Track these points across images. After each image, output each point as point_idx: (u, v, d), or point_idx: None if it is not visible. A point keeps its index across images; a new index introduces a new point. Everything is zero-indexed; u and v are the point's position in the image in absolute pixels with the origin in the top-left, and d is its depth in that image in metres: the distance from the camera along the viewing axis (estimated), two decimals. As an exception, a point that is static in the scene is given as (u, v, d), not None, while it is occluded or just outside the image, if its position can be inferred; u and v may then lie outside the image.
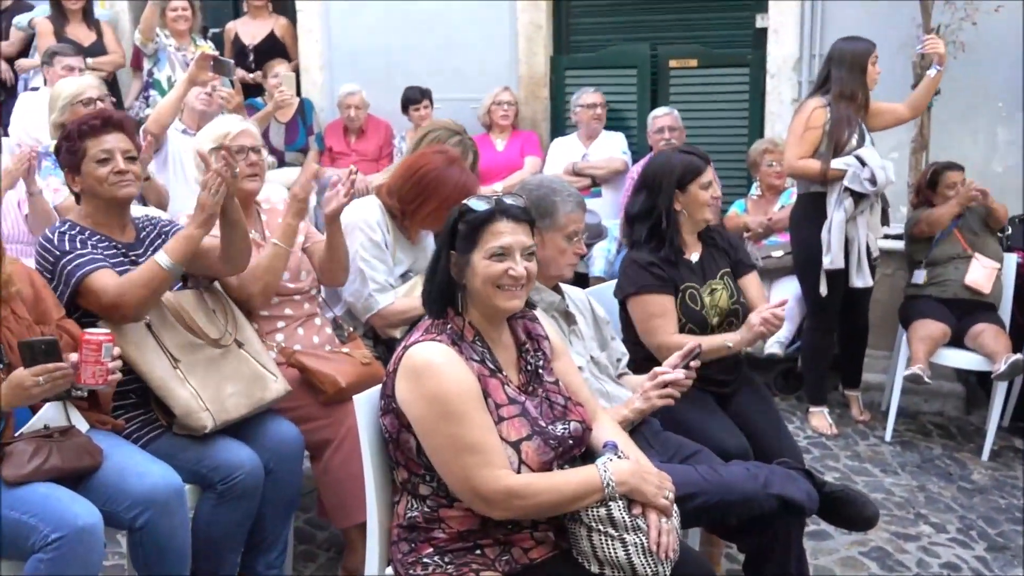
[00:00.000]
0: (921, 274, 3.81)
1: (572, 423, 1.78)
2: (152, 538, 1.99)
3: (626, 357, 2.43)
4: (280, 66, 4.86)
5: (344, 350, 2.52)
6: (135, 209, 2.46)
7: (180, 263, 2.11)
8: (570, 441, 1.76)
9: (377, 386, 1.83)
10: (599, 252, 4.37)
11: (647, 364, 2.26)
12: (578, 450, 1.80)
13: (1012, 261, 3.78)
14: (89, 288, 2.10)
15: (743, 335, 2.43)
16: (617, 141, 4.74)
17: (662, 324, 2.45)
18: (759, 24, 4.65)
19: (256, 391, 2.25)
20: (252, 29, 5.31)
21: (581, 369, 2.10)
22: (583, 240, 2.23)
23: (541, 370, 1.83)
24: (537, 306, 1.96)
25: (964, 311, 3.65)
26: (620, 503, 1.67)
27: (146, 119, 3.79)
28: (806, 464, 2.40)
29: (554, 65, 5.06)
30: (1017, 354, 3.37)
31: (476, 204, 1.74)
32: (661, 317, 2.45)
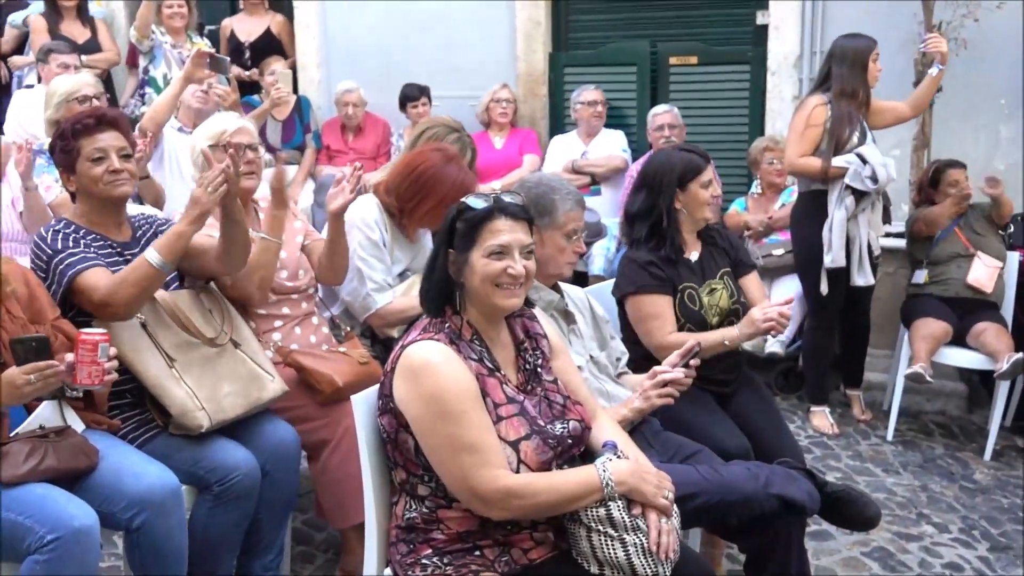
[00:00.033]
0: (921, 274, 3.79)
1: (571, 422, 1.77)
2: (148, 539, 1.98)
3: (626, 356, 2.42)
4: (277, 63, 4.84)
5: (341, 349, 2.51)
6: (131, 208, 2.44)
7: (170, 260, 2.08)
8: (569, 440, 1.75)
9: (375, 386, 1.82)
10: (598, 250, 4.36)
11: (646, 363, 2.25)
12: (577, 449, 1.79)
13: (1015, 260, 3.76)
14: (81, 286, 2.08)
15: (742, 330, 2.41)
16: (617, 139, 4.72)
17: (660, 324, 2.44)
18: (759, 21, 4.63)
19: (253, 391, 2.24)
20: (248, 26, 5.28)
21: (580, 368, 2.09)
22: (582, 238, 2.23)
23: (540, 369, 1.82)
24: (536, 305, 1.94)
25: (966, 310, 3.64)
26: (619, 503, 1.66)
27: (142, 117, 3.77)
28: (807, 464, 2.40)
29: (553, 62, 5.04)
30: (1019, 353, 3.36)
31: (474, 202, 1.73)
32: (658, 317, 2.44)
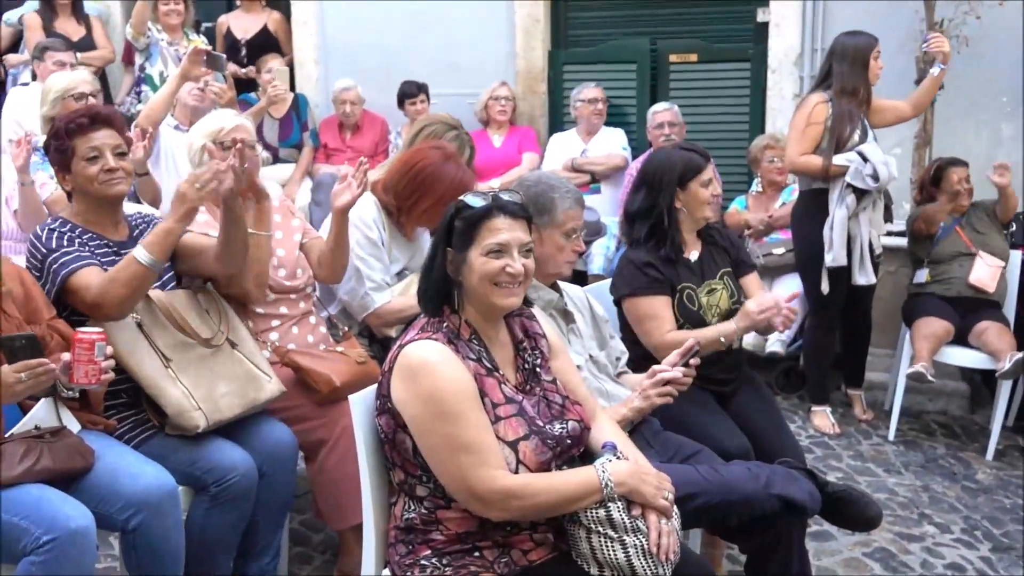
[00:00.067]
0: (922, 274, 3.78)
1: (570, 422, 1.76)
2: (145, 540, 1.96)
3: (625, 355, 2.40)
4: (274, 61, 4.82)
5: (339, 349, 2.49)
6: (128, 206, 2.43)
7: (160, 258, 2.06)
8: (568, 441, 1.73)
9: (372, 386, 1.81)
10: (598, 249, 4.34)
11: (646, 363, 2.24)
12: (576, 450, 1.78)
13: (1017, 259, 3.75)
14: (74, 286, 2.07)
15: (739, 324, 2.40)
16: (617, 137, 4.70)
17: (657, 324, 2.43)
18: (760, 18, 4.62)
19: (250, 391, 2.22)
20: (244, 23, 5.25)
21: (580, 368, 2.08)
22: (581, 237, 2.21)
23: (539, 369, 1.81)
24: (535, 304, 1.93)
25: (968, 309, 3.63)
26: (619, 504, 1.65)
27: (138, 115, 3.75)
28: (808, 464, 2.39)
29: (552, 60, 5.02)
30: (1022, 352, 3.35)
31: (473, 200, 1.72)
32: (656, 318, 2.43)
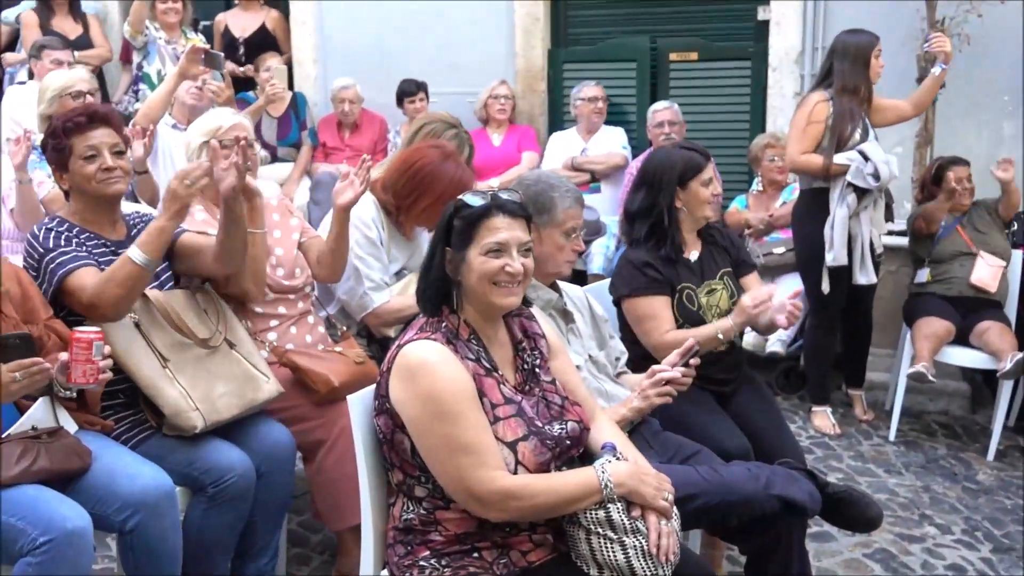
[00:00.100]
0: (924, 273, 3.77)
1: (569, 423, 1.75)
2: (143, 541, 1.96)
3: (625, 355, 2.40)
4: (272, 59, 4.81)
5: (337, 349, 2.48)
6: (125, 206, 2.42)
7: (154, 257, 2.05)
8: (567, 441, 1.73)
9: (371, 386, 1.80)
10: (598, 249, 4.32)
11: (645, 363, 2.23)
12: (576, 451, 1.77)
13: (1019, 258, 3.74)
14: (70, 287, 2.06)
15: (735, 320, 2.39)
16: (617, 136, 4.69)
17: (656, 325, 2.42)
18: (761, 16, 4.61)
19: (248, 391, 2.21)
20: (243, 21, 5.22)
21: (579, 368, 2.08)
22: (581, 236, 2.20)
23: (538, 369, 1.80)
24: (534, 304, 1.92)
25: (969, 308, 3.62)
26: (619, 505, 1.64)
27: (135, 113, 3.74)
28: (808, 464, 2.38)
29: (552, 58, 5.01)
30: (1023, 352, 3.33)
31: (472, 199, 1.71)
32: (655, 318, 2.43)
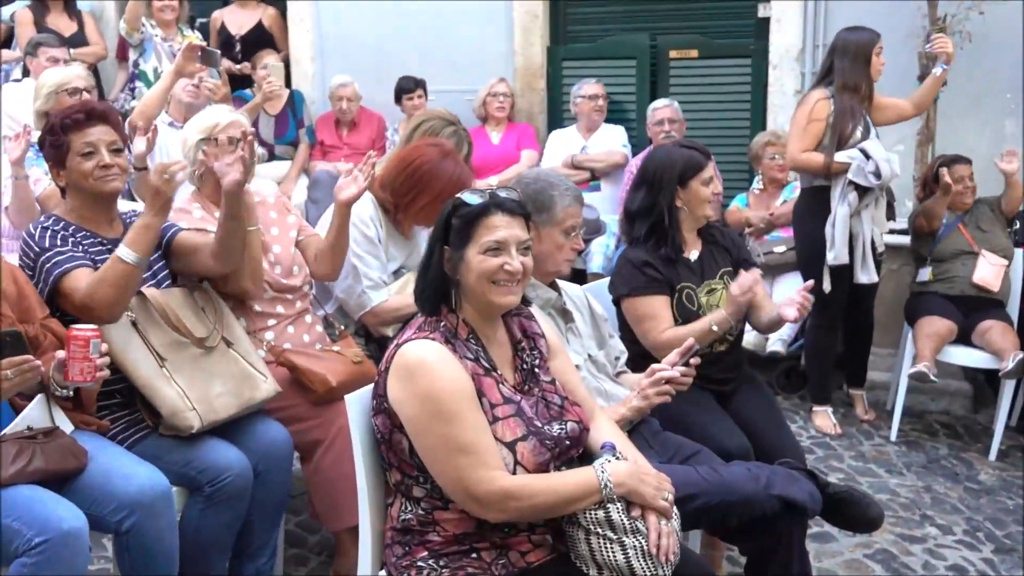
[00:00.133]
0: (925, 272, 3.76)
1: (569, 423, 1.74)
2: (139, 541, 1.95)
3: (624, 355, 2.39)
4: (269, 57, 4.79)
5: (335, 348, 2.47)
6: (122, 204, 2.41)
7: (144, 255, 2.04)
8: (567, 442, 1.72)
9: (369, 385, 1.79)
10: (597, 248, 4.31)
11: (645, 362, 2.22)
12: (575, 451, 1.76)
13: (1021, 257, 3.73)
14: (65, 288, 2.06)
15: (727, 311, 2.38)
16: (617, 134, 4.68)
17: (655, 324, 2.42)
18: (761, 13, 4.60)
19: (245, 391, 2.21)
20: (239, 19, 5.20)
21: (579, 367, 2.07)
22: (580, 235, 2.19)
23: (537, 369, 1.79)
24: (533, 303, 1.91)
25: (971, 308, 3.61)
26: (618, 505, 1.63)
27: (132, 111, 3.73)
28: (809, 464, 2.38)
29: (551, 56, 4.99)
30: (1025, 351, 3.33)
31: (470, 198, 1.70)
32: (654, 318, 2.42)
